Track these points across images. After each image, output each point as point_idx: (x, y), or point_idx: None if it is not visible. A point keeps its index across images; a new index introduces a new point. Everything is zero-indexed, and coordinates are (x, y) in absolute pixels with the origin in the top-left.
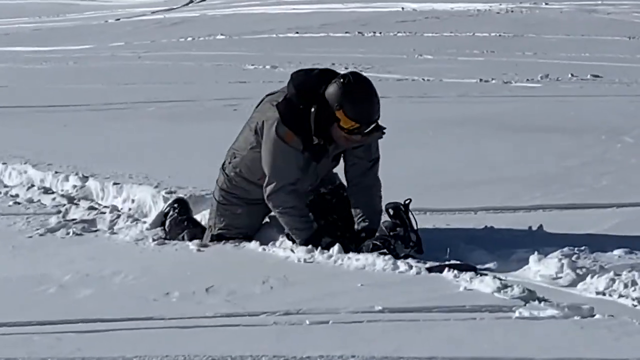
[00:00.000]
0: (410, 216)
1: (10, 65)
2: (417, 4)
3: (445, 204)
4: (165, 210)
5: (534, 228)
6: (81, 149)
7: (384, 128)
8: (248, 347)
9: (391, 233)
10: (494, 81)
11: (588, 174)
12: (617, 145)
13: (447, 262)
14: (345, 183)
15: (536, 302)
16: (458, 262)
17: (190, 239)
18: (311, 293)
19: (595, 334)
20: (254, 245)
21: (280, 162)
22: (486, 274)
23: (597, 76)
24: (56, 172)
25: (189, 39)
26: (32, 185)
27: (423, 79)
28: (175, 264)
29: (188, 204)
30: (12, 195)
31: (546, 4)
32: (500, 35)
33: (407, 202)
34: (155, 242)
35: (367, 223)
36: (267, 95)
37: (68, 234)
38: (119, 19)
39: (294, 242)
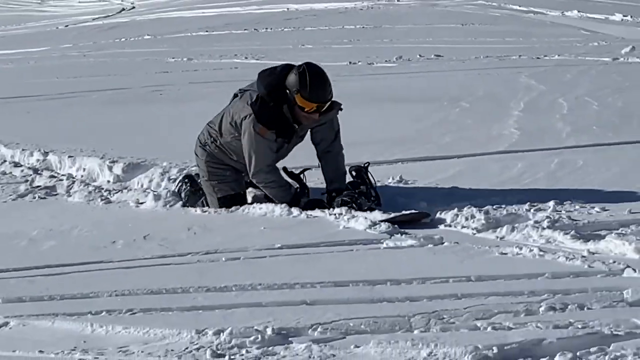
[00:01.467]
0: (370, 176)
1: None
2: (299, 4)
3: None
4: (179, 185)
5: (397, 178)
6: (42, 130)
7: (341, 104)
8: (178, 280)
9: (356, 190)
10: (360, 63)
11: (435, 133)
12: (456, 110)
13: (408, 212)
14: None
15: (399, 235)
16: (415, 211)
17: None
18: (225, 236)
19: (444, 258)
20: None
21: (259, 151)
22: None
23: (439, 56)
24: (23, 150)
25: (123, 39)
26: (4, 161)
27: None
28: (119, 219)
29: (194, 178)
30: None
31: (398, 1)
32: (363, 27)
33: (366, 164)
34: (103, 201)
35: (336, 184)
36: (239, 90)
37: (34, 198)
38: (67, 26)
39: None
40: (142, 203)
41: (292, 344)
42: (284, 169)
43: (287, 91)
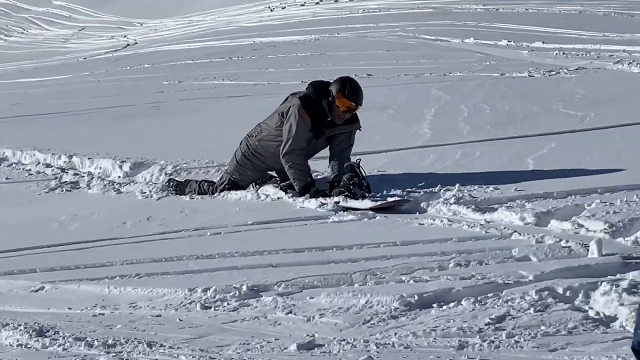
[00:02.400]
0: (361, 170)
1: (21, 90)
2: (262, 38)
3: None
4: (167, 183)
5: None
6: (67, 138)
7: (360, 126)
8: (174, 251)
9: (350, 182)
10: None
11: (368, 134)
12: (383, 115)
13: (392, 200)
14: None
15: (342, 212)
16: (397, 198)
17: (208, 189)
18: (210, 216)
19: (377, 228)
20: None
21: (297, 133)
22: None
23: (370, 74)
24: (53, 154)
25: (128, 67)
26: (39, 163)
27: (268, 83)
28: (128, 205)
29: (174, 179)
30: (26, 170)
31: (337, 34)
32: (311, 54)
33: (358, 161)
34: (115, 192)
35: (337, 178)
36: (290, 94)
37: (62, 191)
38: (85, 58)
39: (285, 192)
40: (144, 193)
41: (262, 297)
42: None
43: (330, 90)
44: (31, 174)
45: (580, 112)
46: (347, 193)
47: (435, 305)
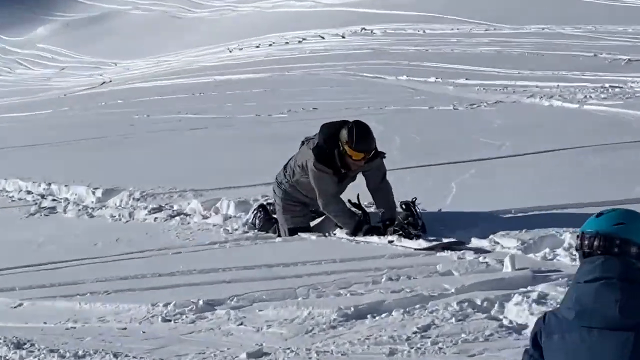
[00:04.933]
0: (417, 208)
1: (8, 124)
2: (222, 76)
3: (240, 183)
4: (254, 213)
5: None
6: (47, 167)
7: (384, 153)
8: (139, 269)
9: (405, 221)
10: (262, 115)
11: None
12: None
13: (446, 241)
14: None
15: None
16: (452, 239)
17: (279, 232)
18: (171, 237)
19: (319, 246)
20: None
21: (323, 185)
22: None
23: (316, 108)
24: (33, 181)
25: (103, 103)
26: (21, 190)
27: (227, 116)
28: (99, 228)
29: (267, 207)
30: (9, 196)
31: (287, 72)
32: (265, 90)
33: (413, 199)
34: (88, 216)
35: (388, 215)
36: (305, 139)
37: (41, 215)
38: (65, 95)
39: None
40: (114, 216)
41: (217, 311)
42: (348, 200)
43: (340, 143)
44: (14, 200)
45: (497, 141)
46: (401, 232)
47: (369, 316)
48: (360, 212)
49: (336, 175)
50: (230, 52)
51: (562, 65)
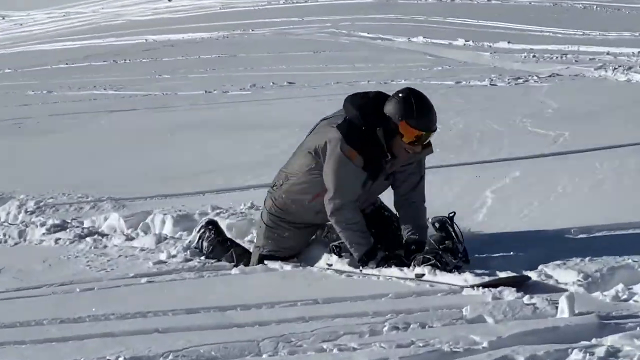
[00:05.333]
0: (456, 228)
1: None
2: (156, 35)
3: (179, 190)
4: (200, 232)
5: (248, 205)
6: None
7: (432, 146)
8: (32, 313)
9: (440, 246)
10: (215, 92)
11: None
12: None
13: (506, 276)
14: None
15: None
16: (514, 274)
17: (237, 260)
18: (78, 267)
19: (293, 282)
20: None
21: (345, 180)
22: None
23: (292, 83)
24: None
25: None
26: None
27: (163, 94)
28: None
29: (218, 224)
30: None
31: (252, 30)
32: (219, 56)
33: (451, 215)
34: None
35: (416, 237)
36: (322, 120)
37: None
38: None
39: (339, 255)
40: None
41: None
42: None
43: (385, 115)
44: None
45: (552, 132)
46: (434, 261)
47: None
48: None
49: (369, 168)
50: (169, 1)
51: None
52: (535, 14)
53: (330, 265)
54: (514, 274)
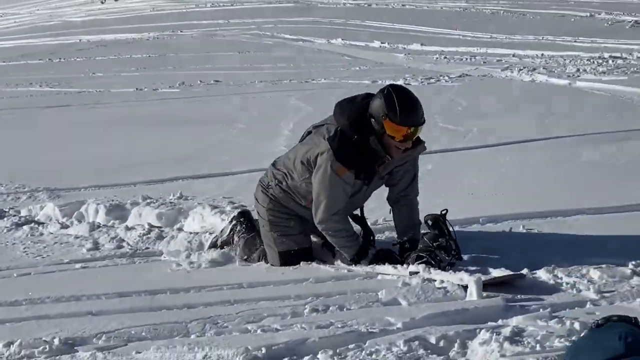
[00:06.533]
0: (449, 226)
1: None
2: (90, 36)
3: (112, 181)
4: (232, 224)
5: (177, 195)
6: None
7: (424, 142)
8: None
9: (434, 244)
10: (146, 89)
11: (213, 152)
12: (233, 131)
13: (501, 275)
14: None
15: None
16: (509, 272)
17: (265, 260)
18: (16, 254)
19: (220, 267)
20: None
21: (332, 194)
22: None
23: (218, 81)
24: None
25: None
26: None
27: (96, 91)
28: None
29: (252, 217)
30: None
31: (181, 32)
32: (149, 56)
33: (444, 212)
34: None
35: (410, 234)
36: (313, 127)
37: None
38: None
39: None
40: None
41: (78, 353)
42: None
43: (373, 120)
44: None
45: (461, 127)
46: (427, 259)
47: (286, 359)
48: (361, 229)
49: (362, 177)
50: (102, 3)
51: (549, 27)
52: (447, 18)
53: (337, 264)
54: (511, 273)
